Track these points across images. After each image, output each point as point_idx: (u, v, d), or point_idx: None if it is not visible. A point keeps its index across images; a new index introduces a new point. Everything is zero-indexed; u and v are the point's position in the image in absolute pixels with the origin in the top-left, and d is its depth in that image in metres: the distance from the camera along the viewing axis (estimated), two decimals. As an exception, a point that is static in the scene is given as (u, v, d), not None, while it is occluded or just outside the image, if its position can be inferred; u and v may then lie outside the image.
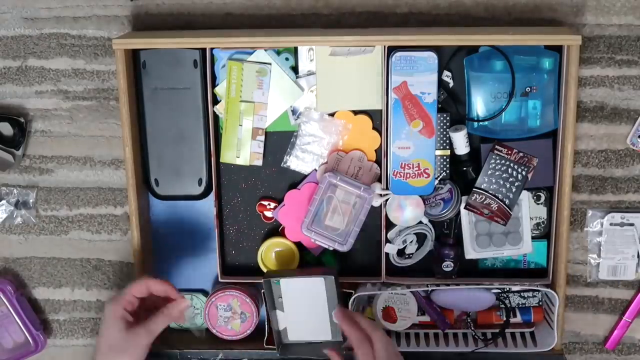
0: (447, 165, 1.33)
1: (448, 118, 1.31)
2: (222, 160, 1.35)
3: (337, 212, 1.32)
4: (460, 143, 1.31)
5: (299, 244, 1.38)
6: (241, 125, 1.33)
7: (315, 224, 1.32)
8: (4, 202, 1.44)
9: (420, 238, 1.38)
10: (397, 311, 1.39)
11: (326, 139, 1.33)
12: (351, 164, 1.34)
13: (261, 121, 1.33)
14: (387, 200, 1.33)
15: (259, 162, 1.35)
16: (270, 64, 1.31)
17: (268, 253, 1.39)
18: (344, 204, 1.32)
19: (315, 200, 1.31)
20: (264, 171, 1.37)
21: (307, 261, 1.39)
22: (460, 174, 1.33)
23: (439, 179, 1.33)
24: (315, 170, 1.36)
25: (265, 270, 1.38)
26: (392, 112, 1.28)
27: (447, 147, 1.33)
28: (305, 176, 1.36)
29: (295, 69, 1.33)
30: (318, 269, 1.37)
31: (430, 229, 1.37)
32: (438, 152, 1.33)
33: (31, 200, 1.43)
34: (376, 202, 1.32)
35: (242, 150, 1.34)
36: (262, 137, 1.34)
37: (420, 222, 1.36)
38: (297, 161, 1.35)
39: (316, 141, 1.34)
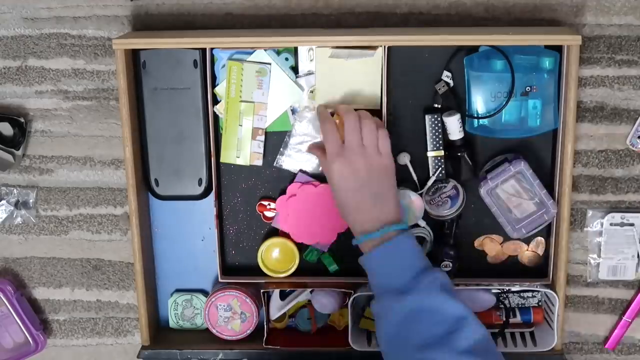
0: (442, 166, 1.33)
1: (439, 119, 1.31)
2: (222, 160, 1.35)
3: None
4: (454, 128, 1.31)
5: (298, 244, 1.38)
6: (241, 125, 1.33)
7: None
8: (4, 202, 1.44)
9: (419, 240, 1.38)
10: (397, 311, 1.39)
11: (320, 138, 1.33)
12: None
13: (261, 121, 1.33)
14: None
15: (259, 162, 1.35)
16: (270, 64, 1.31)
17: (268, 253, 1.38)
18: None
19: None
20: (264, 171, 1.37)
21: (307, 261, 1.39)
22: (455, 159, 1.33)
23: (434, 178, 1.33)
24: (301, 170, 1.35)
25: (265, 270, 1.38)
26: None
27: (441, 147, 1.32)
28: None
29: (295, 69, 1.33)
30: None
31: (429, 232, 1.36)
32: (432, 154, 1.33)
33: (31, 200, 1.43)
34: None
35: (242, 150, 1.34)
36: (262, 137, 1.34)
37: (418, 225, 1.36)
38: (290, 161, 1.35)
39: (309, 140, 1.33)
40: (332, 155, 1.19)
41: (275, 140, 1.35)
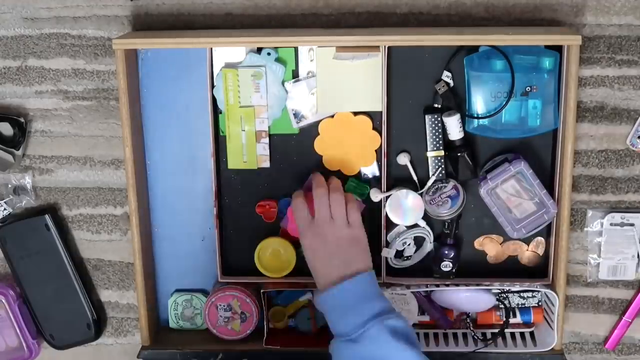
0: (442, 166, 1.33)
1: (439, 119, 1.31)
2: (230, 167, 1.35)
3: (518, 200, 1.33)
4: (454, 128, 1.31)
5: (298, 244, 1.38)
6: (244, 131, 1.33)
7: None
8: (3, 202, 1.43)
9: (419, 241, 1.38)
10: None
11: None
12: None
13: (263, 124, 1.33)
14: (387, 197, 1.33)
15: (266, 164, 1.35)
16: (263, 66, 1.31)
17: (265, 252, 1.38)
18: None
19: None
20: (264, 171, 1.37)
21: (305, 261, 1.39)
22: (455, 160, 1.33)
23: (434, 178, 1.33)
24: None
25: (262, 270, 1.38)
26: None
27: (441, 147, 1.32)
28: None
29: (295, 70, 1.32)
30: None
31: (429, 231, 1.36)
32: (432, 154, 1.33)
33: (28, 185, 1.42)
34: (376, 198, 1.33)
35: (249, 154, 1.34)
36: (267, 140, 1.34)
37: (418, 225, 1.36)
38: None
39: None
40: (302, 228, 1.26)
41: (275, 141, 1.35)
